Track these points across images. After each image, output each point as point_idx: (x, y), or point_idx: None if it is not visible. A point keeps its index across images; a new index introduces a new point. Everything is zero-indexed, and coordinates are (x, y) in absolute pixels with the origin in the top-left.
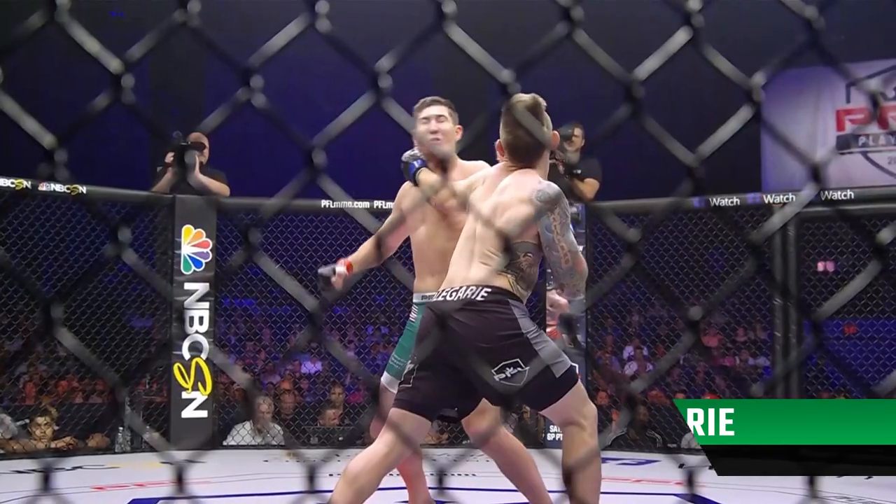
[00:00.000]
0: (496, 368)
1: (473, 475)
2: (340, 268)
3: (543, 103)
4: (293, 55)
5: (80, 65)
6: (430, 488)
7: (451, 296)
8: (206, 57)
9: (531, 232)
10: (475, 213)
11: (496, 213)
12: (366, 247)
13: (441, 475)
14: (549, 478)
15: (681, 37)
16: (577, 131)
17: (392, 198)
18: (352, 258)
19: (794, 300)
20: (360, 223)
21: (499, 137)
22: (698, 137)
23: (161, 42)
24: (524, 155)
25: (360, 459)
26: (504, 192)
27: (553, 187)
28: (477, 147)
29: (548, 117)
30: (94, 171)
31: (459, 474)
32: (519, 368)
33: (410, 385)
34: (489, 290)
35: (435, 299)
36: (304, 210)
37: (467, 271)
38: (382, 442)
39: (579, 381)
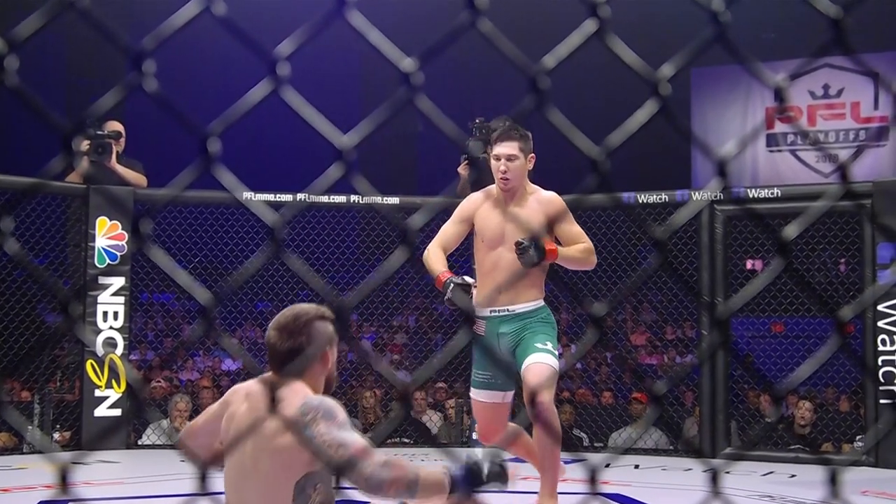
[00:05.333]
0: None
1: None
2: (469, 278)
3: (329, 315)
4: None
5: None
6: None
7: None
8: (126, 42)
9: (305, 460)
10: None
11: (260, 457)
12: (440, 258)
13: (338, 475)
14: None
15: (587, 27)
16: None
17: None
18: (445, 270)
19: (700, 297)
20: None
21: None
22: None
23: (49, 22)
24: (285, 363)
25: None
26: (262, 426)
27: (314, 398)
28: (382, 133)
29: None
30: (7, 161)
31: None
32: None
33: None
34: None
35: None
36: (224, 202)
37: None
38: None
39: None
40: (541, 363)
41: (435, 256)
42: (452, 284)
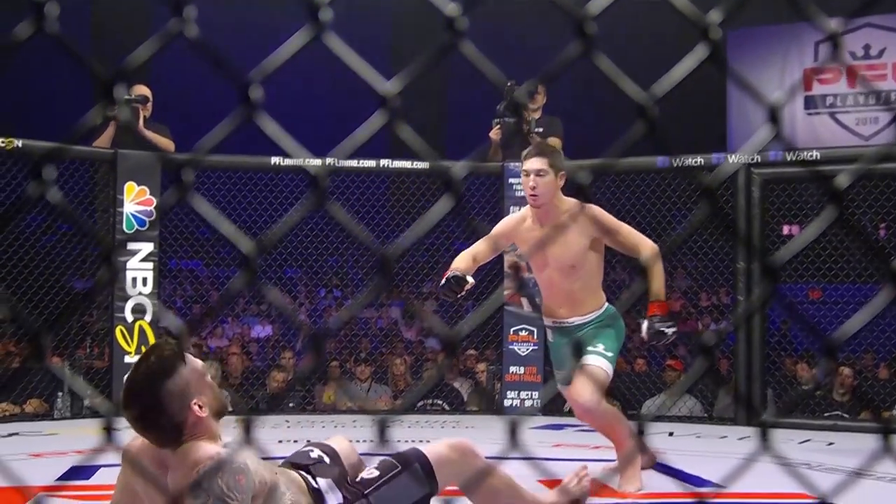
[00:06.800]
0: None
1: (428, 442)
2: (471, 278)
3: (177, 354)
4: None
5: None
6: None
7: None
8: (153, 3)
9: None
10: None
11: None
12: (467, 262)
13: (382, 428)
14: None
15: None
16: (540, 88)
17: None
18: (463, 268)
19: (751, 247)
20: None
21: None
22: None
23: None
24: (164, 441)
25: None
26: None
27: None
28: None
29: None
30: (33, 126)
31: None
32: None
33: None
34: None
35: None
36: (253, 167)
37: None
38: None
39: None
40: (589, 365)
41: (461, 258)
42: (447, 278)
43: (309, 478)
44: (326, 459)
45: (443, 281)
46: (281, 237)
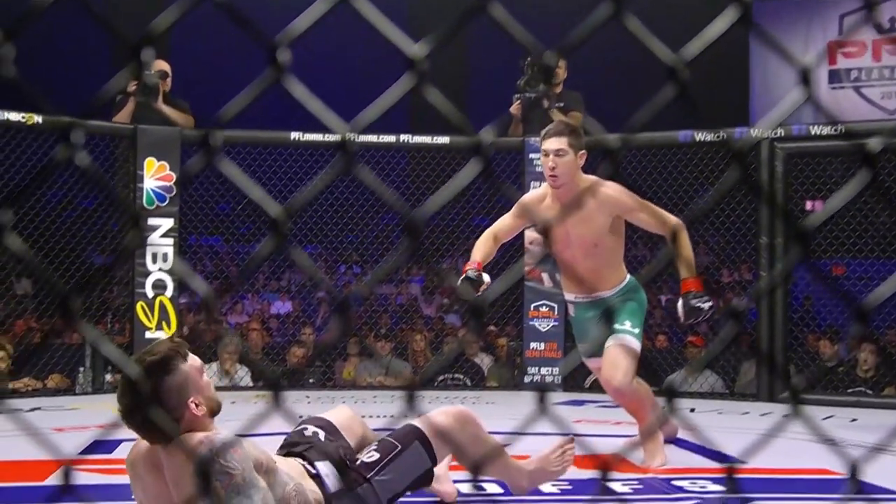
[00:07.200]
0: None
1: None
2: (487, 276)
3: (174, 352)
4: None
5: None
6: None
7: None
8: None
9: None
10: None
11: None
12: (487, 246)
13: (410, 398)
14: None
15: None
16: (561, 63)
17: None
18: (481, 260)
19: (776, 208)
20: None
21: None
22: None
23: None
24: (158, 436)
25: None
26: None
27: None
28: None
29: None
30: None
31: None
32: None
33: None
34: None
35: None
36: (273, 142)
37: None
38: None
39: None
40: (617, 345)
41: (482, 243)
42: (463, 278)
43: (306, 464)
44: (321, 435)
45: (458, 281)
46: (306, 204)
